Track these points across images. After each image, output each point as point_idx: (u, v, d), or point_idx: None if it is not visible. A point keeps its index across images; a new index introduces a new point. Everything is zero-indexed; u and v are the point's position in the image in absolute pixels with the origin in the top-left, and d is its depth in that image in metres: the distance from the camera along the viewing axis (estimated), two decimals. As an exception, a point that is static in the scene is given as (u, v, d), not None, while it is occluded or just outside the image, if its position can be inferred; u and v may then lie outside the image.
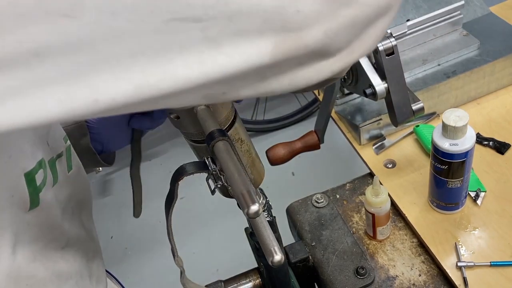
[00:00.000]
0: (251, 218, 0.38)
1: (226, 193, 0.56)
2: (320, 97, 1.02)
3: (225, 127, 0.53)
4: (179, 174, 0.48)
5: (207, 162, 0.48)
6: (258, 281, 0.79)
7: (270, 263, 0.39)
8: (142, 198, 0.74)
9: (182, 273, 0.53)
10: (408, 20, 0.91)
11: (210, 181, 0.51)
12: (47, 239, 0.49)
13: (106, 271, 0.67)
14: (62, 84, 0.25)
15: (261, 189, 0.62)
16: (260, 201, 0.59)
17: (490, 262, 0.72)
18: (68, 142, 0.57)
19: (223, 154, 0.44)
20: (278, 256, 0.39)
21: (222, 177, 0.48)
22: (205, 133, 0.46)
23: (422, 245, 0.79)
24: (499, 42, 0.95)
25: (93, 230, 0.63)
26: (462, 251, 0.74)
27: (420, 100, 0.75)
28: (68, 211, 0.55)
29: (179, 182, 0.48)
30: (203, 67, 0.26)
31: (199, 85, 0.27)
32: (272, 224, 0.63)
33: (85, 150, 0.65)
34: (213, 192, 0.53)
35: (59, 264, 0.51)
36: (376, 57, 0.73)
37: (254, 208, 0.37)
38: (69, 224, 0.54)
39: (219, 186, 0.49)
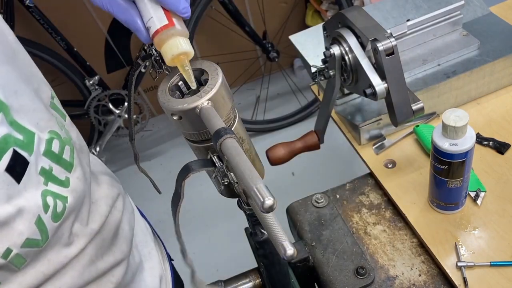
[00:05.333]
0: (266, 212, 0.37)
1: (229, 192, 0.56)
2: (320, 97, 1.02)
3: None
4: (185, 172, 0.47)
5: (213, 159, 0.48)
6: (258, 281, 0.79)
7: (283, 257, 0.39)
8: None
9: (193, 273, 0.52)
10: (408, 20, 0.91)
11: (215, 180, 0.50)
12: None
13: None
14: None
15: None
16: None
17: (490, 262, 0.72)
18: (52, 93, 0.57)
19: (232, 151, 0.43)
20: (290, 251, 0.39)
21: (228, 174, 0.48)
22: (211, 131, 0.46)
23: (422, 245, 0.79)
24: (499, 42, 0.95)
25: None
26: (462, 251, 0.74)
27: (420, 100, 0.75)
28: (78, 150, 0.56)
29: (185, 181, 0.47)
30: None
31: None
32: None
33: None
34: (221, 191, 0.53)
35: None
36: (376, 57, 0.73)
37: (269, 202, 0.36)
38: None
39: (225, 183, 0.49)
